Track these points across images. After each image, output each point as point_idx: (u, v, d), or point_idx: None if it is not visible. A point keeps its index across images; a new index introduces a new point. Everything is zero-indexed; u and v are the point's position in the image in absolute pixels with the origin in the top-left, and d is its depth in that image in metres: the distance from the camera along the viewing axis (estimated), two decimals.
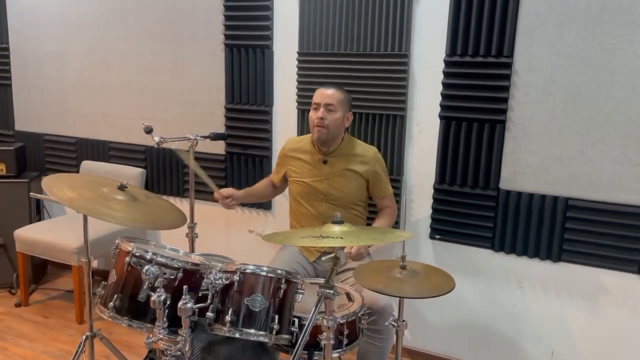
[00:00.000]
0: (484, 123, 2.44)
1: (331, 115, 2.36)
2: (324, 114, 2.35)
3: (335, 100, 2.36)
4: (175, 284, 1.78)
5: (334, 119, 2.36)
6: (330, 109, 2.35)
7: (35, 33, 3.57)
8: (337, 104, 2.36)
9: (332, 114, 2.36)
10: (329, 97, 2.36)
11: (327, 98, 2.36)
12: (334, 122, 2.36)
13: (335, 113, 2.36)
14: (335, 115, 2.36)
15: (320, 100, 2.37)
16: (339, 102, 2.37)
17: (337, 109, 2.36)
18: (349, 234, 1.67)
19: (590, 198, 2.30)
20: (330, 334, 1.66)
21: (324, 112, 2.35)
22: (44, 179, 1.99)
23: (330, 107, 2.35)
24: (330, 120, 2.36)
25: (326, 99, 2.36)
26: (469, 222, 2.55)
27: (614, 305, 2.36)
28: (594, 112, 2.25)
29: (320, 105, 2.36)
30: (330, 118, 2.36)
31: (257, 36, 2.88)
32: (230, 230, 3.22)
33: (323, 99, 2.36)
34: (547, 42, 2.28)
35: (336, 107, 2.36)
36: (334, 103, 2.35)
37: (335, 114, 2.36)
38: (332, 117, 2.36)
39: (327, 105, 2.35)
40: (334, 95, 2.36)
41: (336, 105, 2.36)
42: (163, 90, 3.22)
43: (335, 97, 2.36)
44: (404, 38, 2.53)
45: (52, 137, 3.67)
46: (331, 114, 2.36)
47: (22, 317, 3.14)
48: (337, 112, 2.36)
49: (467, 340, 2.68)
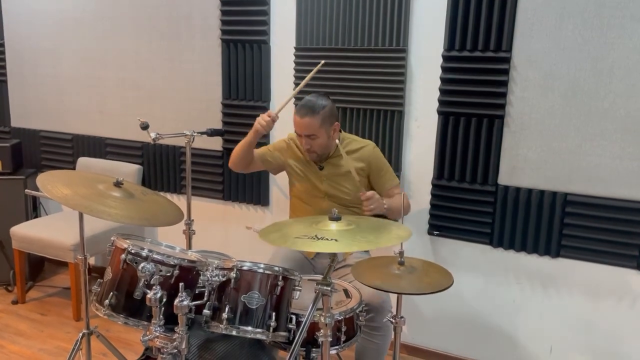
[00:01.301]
0: (483, 118, 2.43)
1: (315, 142, 2.30)
2: (309, 143, 2.30)
3: (314, 128, 2.27)
4: (172, 281, 1.77)
5: (319, 144, 2.31)
6: (312, 138, 2.29)
7: (31, 29, 3.54)
8: (316, 131, 2.27)
9: (316, 141, 2.30)
10: (306, 128, 2.27)
11: (305, 129, 2.28)
12: (320, 147, 2.32)
13: (319, 138, 2.30)
14: (320, 140, 2.30)
15: (299, 131, 2.31)
16: (318, 127, 2.27)
17: (319, 134, 2.29)
18: (344, 234, 1.66)
19: (589, 193, 2.30)
20: (328, 331, 1.65)
21: (307, 142, 2.30)
22: (39, 176, 1.97)
23: (312, 136, 2.29)
24: (317, 147, 2.32)
25: (305, 129, 2.28)
26: (468, 218, 2.54)
27: (613, 301, 2.36)
28: (592, 107, 2.23)
29: (302, 135, 2.31)
30: (315, 145, 2.31)
31: (254, 31, 2.86)
32: (227, 226, 3.20)
33: (302, 130, 2.29)
34: (545, 37, 2.26)
35: (317, 133, 2.28)
36: (313, 133, 2.28)
37: (319, 139, 2.30)
38: (316, 144, 2.31)
39: (308, 135, 2.29)
40: (310, 124, 2.26)
41: (317, 132, 2.28)
42: (159, 86, 3.20)
43: (313, 125, 2.26)
44: (402, 33, 2.51)
45: (48, 133, 3.65)
46: (315, 141, 2.30)
47: (19, 315, 3.13)
48: (319, 136, 2.29)
49: (466, 336, 2.68)
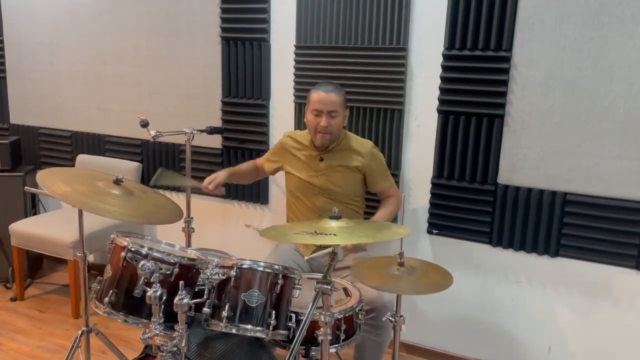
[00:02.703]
0: (483, 117, 2.43)
1: (334, 120, 2.28)
2: (328, 121, 2.26)
3: (337, 104, 2.27)
4: (172, 279, 1.77)
5: (337, 123, 2.30)
6: (333, 115, 2.27)
7: (30, 25, 3.53)
8: (339, 108, 2.27)
9: (335, 119, 2.28)
10: (331, 104, 2.25)
11: (329, 105, 2.25)
12: (337, 127, 2.31)
13: (338, 117, 2.29)
14: (338, 120, 2.30)
15: (321, 107, 2.26)
16: (340, 105, 2.28)
17: (339, 113, 2.28)
18: (343, 230, 1.66)
19: (589, 193, 2.30)
20: (328, 329, 1.65)
21: (327, 120, 2.26)
22: (38, 174, 1.96)
23: (333, 113, 2.27)
24: (334, 126, 2.29)
25: (328, 105, 2.25)
26: (467, 217, 2.55)
27: (612, 300, 2.36)
28: (592, 106, 2.24)
29: (323, 112, 2.26)
30: (334, 123, 2.29)
31: (254, 29, 2.85)
32: (226, 224, 3.20)
33: (325, 105, 2.25)
34: (546, 36, 2.26)
35: (338, 112, 2.28)
36: (336, 109, 2.26)
37: (337, 118, 2.29)
38: (335, 122, 2.29)
39: (330, 112, 2.26)
40: (335, 99, 2.26)
41: (338, 110, 2.27)
42: (159, 84, 3.19)
43: (337, 101, 2.27)
44: (402, 31, 2.51)
45: (47, 130, 3.64)
46: (334, 120, 2.28)
47: (18, 312, 3.13)
48: (339, 115, 2.29)
49: (465, 334, 2.69)
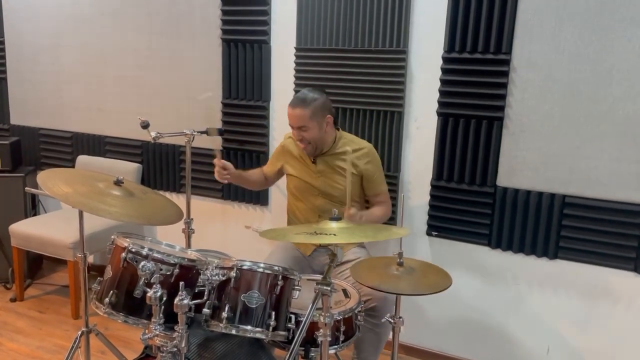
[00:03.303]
0: (482, 120, 2.43)
1: (307, 133, 2.32)
2: (300, 135, 2.32)
3: (304, 120, 2.29)
4: (172, 280, 1.77)
5: (311, 135, 2.32)
6: (303, 130, 2.31)
7: (30, 26, 3.54)
8: (307, 122, 2.29)
9: (307, 132, 2.32)
10: (297, 119, 2.30)
11: (295, 120, 2.30)
12: (313, 137, 2.33)
13: (310, 130, 2.31)
14: (311, 132, 2.32)
15: (290, 122, 2.34)
16: (308, 119, 2.29)
17: (310, 126, 2.30)
18: (343, 230, 1.67)
19: (587, 195, 2.30)
20: (327, 330, 1.66)
21: (299, 134, 2.32)
22: (39, 174, 1.97)
23: (303, 128, 2.31)
24: (308, 138, 2.33)
25: (295, 121, 2.31)
26: (466, 219, 2.55)
27: (610, 303, 2.37)
28: (592, 109, 2.24)
29: (294, 127, 2.33)
30: (307, 136, 2.32)
31: (255, 31, 2.86)
32: (226, 226, 3.21)
33: (292, 121, 2.32)
34: (545, 39, 2.27)
35: (308, 125, 2.30)
36: (304, 124, 2.30)
37: (310, 131, 2.31)
38: (308, 135, 2.32)
39: (299, 127, 2.31)
40: (300, 115, 2.28)
41: (307, 124, 2.29)
42: (160, 85, 3.20)
43: (303, 117, 2.28)
44: (402, 34, 2.52)
45: (48, 131, 3.64)
46: (306, 133, 2.32)
47: (18, 312, 3.13)
48: (311, 128, 2.31)
49: (463, 336, 2.69)
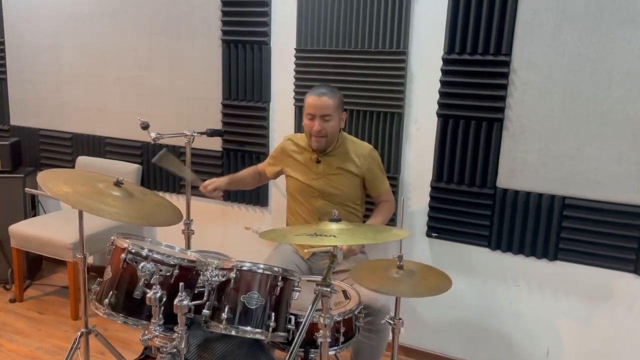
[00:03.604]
0: (482, 121, 2.44)
1: (328, 124, 2.27)
2: (322, 125, 2.26)
3: (331, 108, 2.25)
4: (171, 281, 1.77)
5: (332, 126, 2.29)
6: (326, 119, 2.26)
7: (31, 27, 3.54)
8: (332, 112, 2.26)
9: (329, 123, 2.27)
10: (324, 108, 2.24)
11: (322, 109, 2.24)
12: (332, 130, 2.30)
13: (332, 120, 2.27)
14: (332, 123, 2.28)
15: (314, 111, 2.26)
16: (334, 108, 2.26)
17: (334, 116, 2.27)
18: (343, 232, 1.67)
19: (587, 197, 2.31)
20: (327, 331, 1.66)
21: (320, 124, 2.26)
22: (39, 174, 1.97)
23: (327, 117, 2.26)
24: (329, 130, 2.29)
25: (321, 109, 2.25)
26: (466, 220, 2.55)
27: (610, 304, 2.37)
28: (591, 111, 2.24)
29: (316, 116, 2.26)
30: (328, 127, 2.28)
31: (255, 32, 2.86)
32: (226, 227, 3.21)
33: (317, 109, 2.25)
34: (545, 40, 2.27)
35: (332, 115, 2.26)
36: (330, 113, 2.25)
37: (332, 122, 2.28)
38: (329, 126, 2.28)
39: (323, 116, 2.26)
40: (328, 103, 2.24)
41: (332, 114, 2.26)
42: (160, 86, 3.20)
43: (330, 105, 2.25)
44: (402, 35, 2.52)
45: (48, 132, 3.64)
46: (328, 123, 2.27)
47: (17, 313, 3.13)
48: (333, 119, 2.27)
49: (463, 337, 2.69)
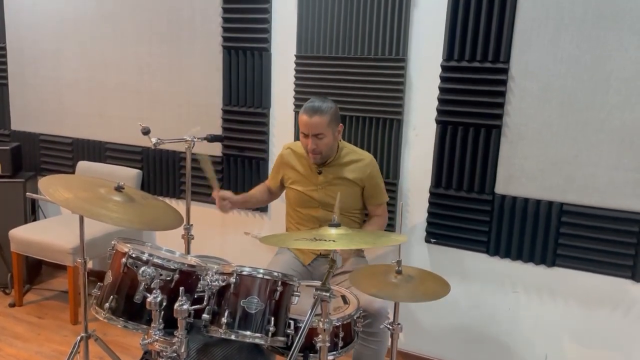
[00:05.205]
0: (480, 128, 2.45)
1: (322, 142, 2.28)
2: (315, 143, 2.28)
3: (322, 127, 2.26)
4: (172, 286, 1.78)
5: (325, 143, 2.30)
6: (319, 137, 2.27)
7: (32, 32, 3.56)
8: (324, 130, 2.26)
9: (322, 141, 2.28)
10: (315, 127, 2.25)
11: (313, 128, 2.25)
12: (326, 147, 2.31)
13: (325, 138, 2.28)
14: (326, 140, 2.29)
15: (306, 130, 2.28)
16: (326, 126, 2.27)
17: (326, 134, 2.28)
18: (342, 237, 1.68)
19: (585, 203, 2.32)
20: (326, 336, 1.66)
21: (314, 142, 2.27)
22: (40, 180, 1.99)
23: (320, 135, 2.27)
24: (322, 147, 2.30)
25: (313, 129, 2.26)
26: (464, 226, 2.56)
27: (608, 310, 2.37)
28: (589, 118, 2.26)
29: (309, 135, 2.28)
30: (322, 145, 2.29)
31: (255, 39, 2.88)
32: (226, 232, 3.21)
33: (309, 129, 2.26)
34: (543, 48, 2.29)
35: (325, 133, 2.27)
36: (321, 132, 2.26)
37: (325, 139, 2.29)
38: (323, 143, 2.29)
39: (316, 135, 2.27)
40: (319, 123, 2.25)
41: (324, 132, 2.27)
42: (160, 92, 3.21)
43: (321, 124, 2.25)
44: (402, 42, 2.54)
45: (48, 137, 3.65)
46: (322, 141, 2.28)
47: (16, 318, 3.12)
48: (326, 137, 2.28)
49: (461, 343, 2.69)
